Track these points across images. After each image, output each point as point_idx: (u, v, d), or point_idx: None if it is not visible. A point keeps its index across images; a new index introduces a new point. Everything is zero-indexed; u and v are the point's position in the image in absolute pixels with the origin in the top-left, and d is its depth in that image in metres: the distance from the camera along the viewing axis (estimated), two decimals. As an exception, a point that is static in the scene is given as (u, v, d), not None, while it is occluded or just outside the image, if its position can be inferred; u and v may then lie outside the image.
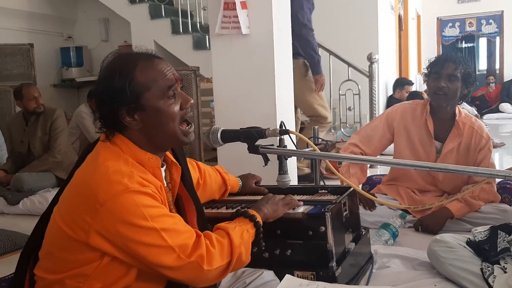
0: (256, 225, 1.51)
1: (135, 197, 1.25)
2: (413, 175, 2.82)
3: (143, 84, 1.34)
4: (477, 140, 2.69)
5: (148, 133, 1.38)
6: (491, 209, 2.61)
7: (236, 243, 1.40)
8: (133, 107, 1.34)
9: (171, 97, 1.38)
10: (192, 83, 4.01)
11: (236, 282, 1.63)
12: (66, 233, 1.29)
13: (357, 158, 2.49)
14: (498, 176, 1.22)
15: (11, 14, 6.51)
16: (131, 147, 1.37)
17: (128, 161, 1.33)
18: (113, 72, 1.34)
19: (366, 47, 5.86)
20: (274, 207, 1.64)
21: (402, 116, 2.84)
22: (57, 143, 4.19)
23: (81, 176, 1.35)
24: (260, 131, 1.70)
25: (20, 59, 6.00)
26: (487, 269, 1.78)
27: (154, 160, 1.39)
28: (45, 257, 1.38)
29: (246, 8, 2.82)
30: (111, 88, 1.33)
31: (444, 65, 2.64)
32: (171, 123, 1.38)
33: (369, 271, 1.94)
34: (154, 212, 1.28)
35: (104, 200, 1.24)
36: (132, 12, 6.46)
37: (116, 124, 1.37)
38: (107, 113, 1.36)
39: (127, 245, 1.26)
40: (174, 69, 1.43)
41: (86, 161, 1.39)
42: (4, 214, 3.86)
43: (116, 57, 1.40)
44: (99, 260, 1.30)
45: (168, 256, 1.28)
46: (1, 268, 2.47)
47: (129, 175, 1.28)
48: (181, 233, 1.32)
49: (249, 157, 1.80)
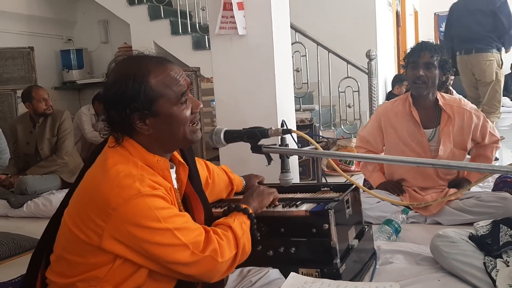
0: (250, 216, 1.55)
1: (148, 201, 1.27)
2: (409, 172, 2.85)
3: (158, 91, 1.35)
4: (468, 117, 2.75)
5: (158, 137, 1.40)
6: (491, 198, 2.64)
7: (239, 234, 1.45)
8: (146, 113, 1.35)
9: (183, 103, 1.40)
10: (193, 83, 4.03)
11: (242, 281, 1.65)
12: (78, 237, 1.30)
13: (358, 156, 2.51)
14: (500, 171, 1.23)
15: (11, 18, 6.51)
16: (139, 150, 1.38)
17: (138, 164, 1.35)
18: (126, 77, 1.34)
19: (365, 44, 5.87)
20: (260, 198, 1.68)
21: (385, 115, 2.91)
22: (65, 145, 4.23)
23: (91, 180, 1.36)
24: (263, 131, 1.71)
25: (21, 62, 6.00)
26: (490, 263, 1.79)
27: (163, 162, 1.41)
28: (57, 261, 1.39)
29: (242, 9, 2.83)
30: (124, 94, 1.33)
31: (420, 54, 2.71)
32: (182, 127, 1.41)
33: (372, 267, 1.96)
34: (166, 213, 1.30)
35: (117, 204, 1.25)
36: (131, 13, 6.46)
37: (126, 129, 1.38)
38: (117, 117, 1.36)
39: (142, 246, 1.28)
40: (184, 74, 1.44)
41: (96, 164, 1.39)
42: (8, 217, 3.86)
43: (127, 61, 1.40)
44: (112, 263, 1.31)
45: (183, 253, 1.31)
46: (8, 271, 2.49)
47: (140, 178, 1.29)
48: (193, 231, 1.35)
49: (250, 156, 1.81)
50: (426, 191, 2.82)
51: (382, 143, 2.96)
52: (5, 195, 3.96)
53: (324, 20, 6.68)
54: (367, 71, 5.22)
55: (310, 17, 6.57)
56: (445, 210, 2.68)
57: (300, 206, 1.76)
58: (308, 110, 5.60)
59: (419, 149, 2.78)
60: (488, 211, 2.54)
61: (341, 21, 6.72)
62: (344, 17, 6.76)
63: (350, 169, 4.46)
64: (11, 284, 2.11)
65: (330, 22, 6.66)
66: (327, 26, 6.54)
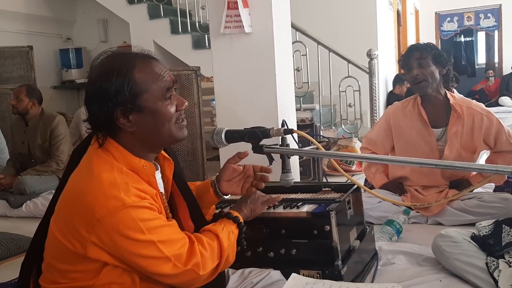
0: (239, 226, 1.52)
1: (132, 212, 1.25)
2: (414, 170, 2.83)
3: (142, 85, 1.32)
4: (479, 119, 2.71)
5: (141, 134, 1.36)
6: (493, 198, 2.63)
7: (225, 246, 1.42)
8: (129, 107, 1.31)
9: (168, 98, 1.38)
10: (193, 82, 4.01)
11: (244, 283, 1.64)
12: (64, 245, 1.29)
13: (359, 156, 2.50)
14: (504, 172, 1.22)
15: (10, 17, 6.50)
16: (124, 154, 1.35)
17: (122, 171, 1.31)
18: (110, 71, 1.31)
19: (366, 43, 5.87)
20: (253, 206, 1.63)
21: (394, 116, 2.91)
22: (60, 151, 4.14)
23: (76, 188, 1.32)
24: (265, 131, 1.70)
25: (20, 61, 5.99)
26: (492, 263, 1.78)
27: (148, 168, 1.37)
28: (47, 269, 1.38)
29: (247, 6, 2.82)
30: (107, 88, 1.29)
31: (410, 56, 2.74)
32: (166, 123, 1.37)
33: (374, 268, 1.95)
34: (151, 225, 1.28)
35: (101, 216, 1.23)
36: (131, 12, 6.44)
37: (109, 126, 1.33)
38: (99, 114, 1.32)
39: (125, 256, 1.27)
40: (169, 70, 1.42)
41: (80, 168, 1.36)
42: (7, 217, 3.85)
43: (111, 56, 1.37)
44: (101, 269, 1.30)
45: (165, 265, 1.29)
46: (7, 271, 2.48)
47: (125, 188, 1.26)
48: (176, 242, 1.32)
49: (251, 156, 1.80)
50: (427, 190, 2.81)
51: (390, 144, 2.94)
52: (4, 196, 3.95)
53: (325, 19, 6.68)
54: (368, 70, 5.22)
55: (311, 16, 6.56)
56: (446, 210, 2.67)
57: (301, 207, 1.74)
58: (309, 110, 5.60)
59: (428, 148, 2.76)
60: (490, 211, 2.54)
61: (341, 21, 6.72)
62: (345, 16, 6.75)
63: (351, 169, 4.46)
64: (10, 285, 2.10)
65: (331, 21, 6.66)
66: (327, 25, 6.54)
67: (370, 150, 3.00)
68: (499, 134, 2.71)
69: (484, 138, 2.73)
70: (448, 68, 2.76)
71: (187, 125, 1.47)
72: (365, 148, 3.05)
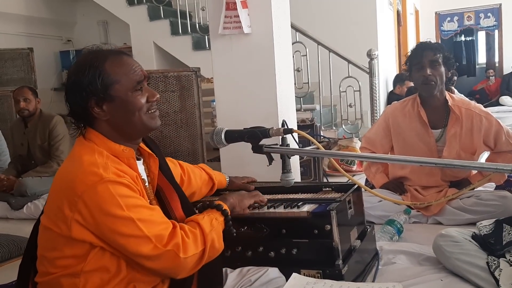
0: (224, 212, 1.57)
1: (111, 187, 1.30)
2: (414, 171, 2.83)
3: (113, 77, 1.41)
4: (477, 121, 2.71)
5: (116, 123, 1.44)
6: (491, 196, 2.63)
7: (206, 231, 1.46)
8: (101, 97, 1.40)
9: (138, 90, 1.46)
10: (193, 83, 4.00)
11: (242, 281, 1.63)
12: (51, 230, 1.34)
13: (360, 155, 2.50)
14: (504, 170, 1.22)
15: (10, 19, 6.51)
16: (104, 140, 1.43)
17: (103, 154, 1.39)
18: (83, 65, 1.41)
19: (366, 43, 5.87)
20: (240, 197, 1.71)
21: (393, 116, 2.90)
22: (60, 151, 4.14)
23: (59, 174, 1.41)
24: (264, 130, 1.70)
25: (20, 63, 6.00)
26: (493, 263, 1.78)
27: (128, 151, 1.45)
28: (40, 262, 1.42)
29: (246, 7, 2.82)
30: (81, 80, 1.39)
31: (423, 54, 2.69)
32: (137, 112, 1.45)
33: (375, 267, 1.94)
34: (130, 202, 1.32)
35: (81, 191, 1.29)
36: (131, 14, 6.45)
37: (85, 116, 1.43)
38: (76, 104, 1.42)
39: (106, 235, 1.31)
40: (141, 66, 1.50)
41: (65, 161, 1.45)
42: (8, 219, 3.85)
43: (86, 53, 1.47)
44: (87, 253, 1.33)
45: (145, 246, 1.32)
46: (9, 272, 2.48)
47: (104, 166, 1.33)
48: (158, 224, 1.36)
49: (251, 157, 1.80)
50: (427, 190, 2.81)
51: (389, 144, 2.94)
52: (5, 197, 3.94)
53: (325, 19, 6.68)
54: (368, 70, 5.22)
55: (311, 17, 6.57)
56: (446, 209, 2.67)
57: (302, 207, 1.74)
58: (309, 110, 5.60)
59: (426, 149, 2.76)
60: (488, 209, 2.54)
61: (341, 21, 6.71)
62: (345, 16, 6.75)
63: (352, 169, 4.45)
64: (11, 286, 2.11)
65: (331, 21, 6.66)
66: (327, 25, 6.54)
67: (370, 150, 2.99)
68: (498, 135, 2.71)
69: (484, 139, 2.72)
70: (452, 72, 2.76)
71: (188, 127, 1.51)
72: (364, 147, 3.05)
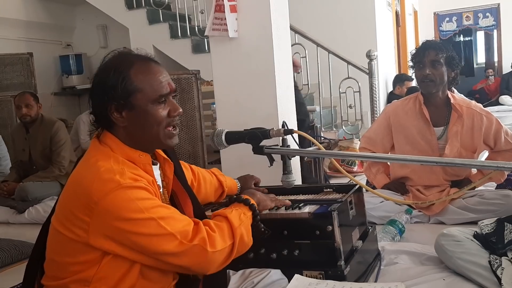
0: (252, 207, 1.54)
1: (128, 192, 1.28)
2: (415, 170, 2.83)
3: (136, 84, 1.37)
4: (478, 119, 2.72)
5: (132, 132, 1.41)
6: (494, 195, 2.64)
7: (235, 225, 1.43)
8: (122, 103, 1.37)
9: (161, 102, 1.41)
10: (193, 86, 4.02)
11: (244, 282, 1.63)
12: (65, 236, 1.31)
13: (360, 155, 2.50)
14: (505, 168, 1.22)
15: (9, 24, 6.52)
16: (120, 145, 1.40)
17: (119, 160, 1.36)
18: (109, 68, 1.39)
19: (365, 44, 5.87)
20: (265, 197, 1.68)
21: (394, 114, 2.90)
22: (61, 156, 4.13)
23: (74, 178, 1.37)
24: (264, 131, 1.70)
25: (20, 68, 6.01)
26: (495, 261, 1.77)
27: (144, 157, 1.42)
28: (48, 265, 1.40)
29: (235, 11, 2.82)
30: (104, 83, 1.37)
31: (425, 53, 2.71)
32: (155, 126, 1.41)
33: (377, 268, 1.94)
34: (149, 204, 1.30)
35: (98, 198, 1.26)
36: (130, 17, 6.45)
37: (104, 119, 1.40)
38: (97, 106, 1.40)
39: (128, 238, 1.28)
40: (169, 78, 1.45)
41: (79, 164, 1.41)
42: (10, 224, 3.84)
43: (115, 55, 1.44)
44: (100, 261, 1.31)
45: (170, 243, 1.30)
46: (10, 277, 2.48)
47: (120, 172, 1.31)
48: (180, 221, 1.34)
49: (252, 158, 1.80)
50: (429, 190, 2.81)
51: (389, 142, 2.93)
52: (7, 202, 3.94)
53: (324, 21, 6.68)
54: (367, 71, 5.22)
55: (310, 18, 6.58)
56: (448, 209, 2.67)
57: (303, 208, 1.74)
58: (309, 111, 5.59)
59: (428, 147, 2.77)
60: (491, 208, 2.54)
61: (340, 22, 6.72)
62: (344, 17, 6.76)
63: (353, 170, 4.45)
64: (14, 290, 2.11)
65: (330, 23, 6.66)
66: (326, 27, 6.54)
67: (370, 150, 2.97)
68: (498, 134, 2.73)
69: (484, 138, 2.74)
70: (456, 72, 2.76)
71: (188, 129, 1.50)
72: (364, 148, 3.03)
